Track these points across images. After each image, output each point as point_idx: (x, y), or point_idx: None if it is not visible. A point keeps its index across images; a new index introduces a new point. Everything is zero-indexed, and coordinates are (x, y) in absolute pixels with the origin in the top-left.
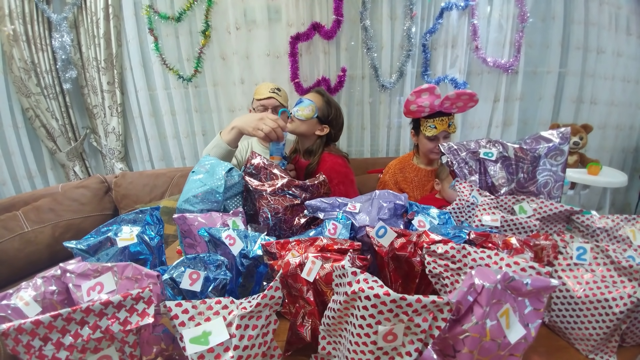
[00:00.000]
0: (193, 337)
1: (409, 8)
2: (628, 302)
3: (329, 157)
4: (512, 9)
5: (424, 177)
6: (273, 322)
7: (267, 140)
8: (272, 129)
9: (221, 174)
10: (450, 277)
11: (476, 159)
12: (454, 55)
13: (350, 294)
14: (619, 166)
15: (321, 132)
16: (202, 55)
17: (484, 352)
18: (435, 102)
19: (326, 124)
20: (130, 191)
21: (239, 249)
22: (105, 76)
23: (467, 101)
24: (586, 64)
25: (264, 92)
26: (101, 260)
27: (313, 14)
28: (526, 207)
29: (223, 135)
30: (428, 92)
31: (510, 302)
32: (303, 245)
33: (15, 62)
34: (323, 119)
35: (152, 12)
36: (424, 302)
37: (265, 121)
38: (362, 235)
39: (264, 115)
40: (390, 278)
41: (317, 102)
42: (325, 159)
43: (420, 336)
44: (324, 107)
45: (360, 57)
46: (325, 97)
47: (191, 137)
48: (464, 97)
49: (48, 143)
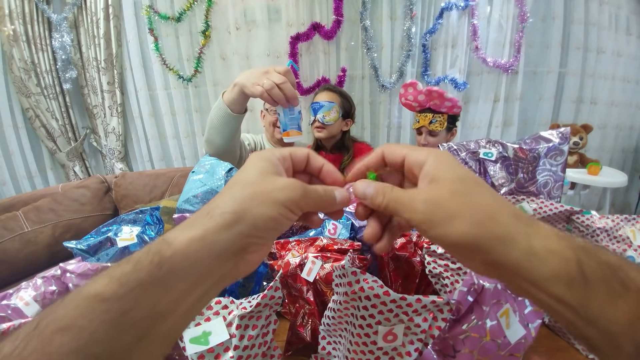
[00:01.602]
0: (193, 337)
1: (409, 8)
2: None
3: (359, 145)
4: (512, 9)
5: None
6: (273, 322)
7: (272, 103)
8: (275, 85)
9: (221, 174)
10: (450, 277)
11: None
12: (454, 56)
13: (350, 294)
14: (619, 166)
15: (346, 127)
16: (202, 56)
17: (484, 352)
18: (419, 97)
19: (349, 118)
20: (130, 191)
21: None
22: (105, 76)
23: (441, 99)
24: (586, 64)
25: None
26: (101, 260)
27: (313, 14)
28: (526, 207)
29: (225, 94)
30: (412, 87)
31: (510, 302)
32: (303, 245)
33: (15, 62)
34: (345, 114)
35: (152, 12)
36: (424, 302)
37: (270, 75)
38: (362, 235)
39: (271, 68)
40: (390, 278)
41: (336, 100)
42: (359, 148)
43: (420, 336)
44: (344, 103)
45: (360, 57)
46: (338, 91)
47: (191, 137)
48: (434, 94)
49: (48, 143)
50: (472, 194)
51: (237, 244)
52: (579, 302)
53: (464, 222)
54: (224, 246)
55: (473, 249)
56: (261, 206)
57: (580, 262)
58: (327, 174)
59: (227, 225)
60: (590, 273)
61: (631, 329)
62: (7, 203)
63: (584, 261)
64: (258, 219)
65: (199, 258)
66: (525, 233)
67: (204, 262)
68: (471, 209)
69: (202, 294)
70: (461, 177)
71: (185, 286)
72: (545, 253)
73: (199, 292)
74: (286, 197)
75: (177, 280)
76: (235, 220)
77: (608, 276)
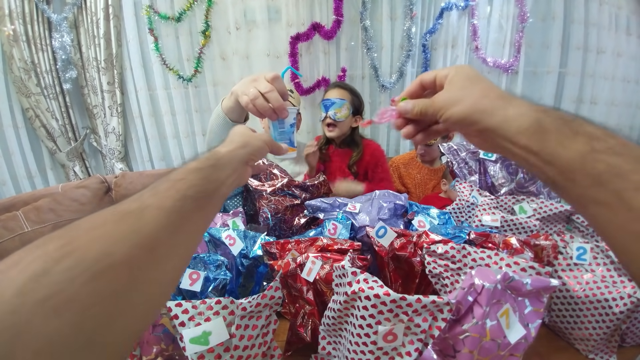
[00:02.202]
0: (193, 337)
1: (409, 8)
2: (628, 302)
3: (369, 142)
4: (512, 9)
5: (426, 175)
6: (273, 322)
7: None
8: (259, 94)
9: None
10: (450, 277)
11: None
12: (454, 56)
13: (350, 294)
14: None
15: (356, 124)
16: (202, 56)
17: (484, 352)
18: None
19: (358, 114)
20: (130, 191)
21: (239, 249)
22: (105, 76)
23: None
24: (586, 64)
25: None
26: None
27: (313, 14)
28: (526, 207)
29: (224, 101)
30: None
31: (510, 302)
32: (303, 245)
33: (15, 62)
34: (355, 111)
35: (152, 12)
36: (424, 302)
37: (257, 82)
38: (362, 235)
39: (261, 75)
40: (390, 278)
41: (347, 97)
42: (368, 145)
43: (420, 336)
44: (354, 99)
45: (360, 57)
46: (349, 88)
47: (191, 137)
48: None
49: (48, 143)
50: (472, 87)
51: (246, 157)
52: (538, 147)
53: (464, 104)
54: (241, 156)
55: (469, 122)
56: (257, 141)
57: (539, 119)
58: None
59: (241, 147)
60: (546, 125)
61: (583, 163)
62: (7, 203)
63: (542, 118)
64: (255, 147)
65: (232, 158)
66: (503, 106)
67: (234, 161)
68: (469, 96)
69: (235, 179)
70: (469, 77)
71: (229, 172)
72: (515, 116)
73: (233, 177)
74: (265, 138)
75: (224, 168)
76: (244, 145)
77: (560, 126)
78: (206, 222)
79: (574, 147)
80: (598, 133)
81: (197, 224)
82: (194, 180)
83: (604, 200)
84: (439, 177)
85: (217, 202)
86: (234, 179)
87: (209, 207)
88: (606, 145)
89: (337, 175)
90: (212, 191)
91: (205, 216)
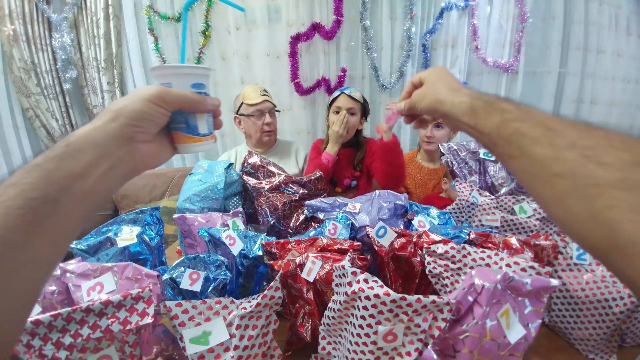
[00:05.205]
0: (193, 337)
1: (409, 8)
2: (628, 302)
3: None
4: (512, 9)
5: (426, 175)
6: (273, 322)
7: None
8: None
9: (220, 170)
10: (450, 277)
11: (476, 159)
12: (454, 56)
13: (350, 294)
14: None
15: (361, 126)
16: (202, 56)
17: (484, 352)
18: None
19: (363, 117)
20: (130, 191)
21: (239, 249)
22: (105, 76)
23: None
24: (586, 64)
25: (255, 97)
26: (101, 260)
27: (313, 14)
28: (526, 207)
29: None
30: None
31: (510, 302)
32: (303, 245)
33: (15, 62)
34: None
35: (152, 12)
36: (424, 302)
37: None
38: (362, 235)
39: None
40: (390, 278)
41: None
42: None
43: (420, 336)
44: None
45: (360, 57)
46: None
47: None
48: None
49: (48, 143)
50: (436, 84)
51: (123, 131)
52: (474, 123)
53: (428, 98)
54: (112, 133)
55: (432, 110)
56: (133, 104)
57: (472, 103)
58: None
59: (111, 119)
60: (476, 107)
61: (498, 130)
62: None
63: (474, 102)
64: (132, 112)
65: (96, 139)
66: (451, 96)
67: (101, 143)
68: (431, 91)
69: (108, 167)
70: (439, 75)
71: (90, 158)
72: (458, 104)
73: (105, 165)
74: (150, 94)
75: (82, 154)
76: (116, 116)
77: (486, 107)
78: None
79: (493, 120)
80: (510, 108)
81: (40, 244)
82: (24, 185)
83: (513, 154)
84: (439, 177)
85: (78, 207)
86: (107, 166)
87: (56, 217)
88: (513, 115)
89: (343, 174)
90: (56, 193)
91: (56, 228)
